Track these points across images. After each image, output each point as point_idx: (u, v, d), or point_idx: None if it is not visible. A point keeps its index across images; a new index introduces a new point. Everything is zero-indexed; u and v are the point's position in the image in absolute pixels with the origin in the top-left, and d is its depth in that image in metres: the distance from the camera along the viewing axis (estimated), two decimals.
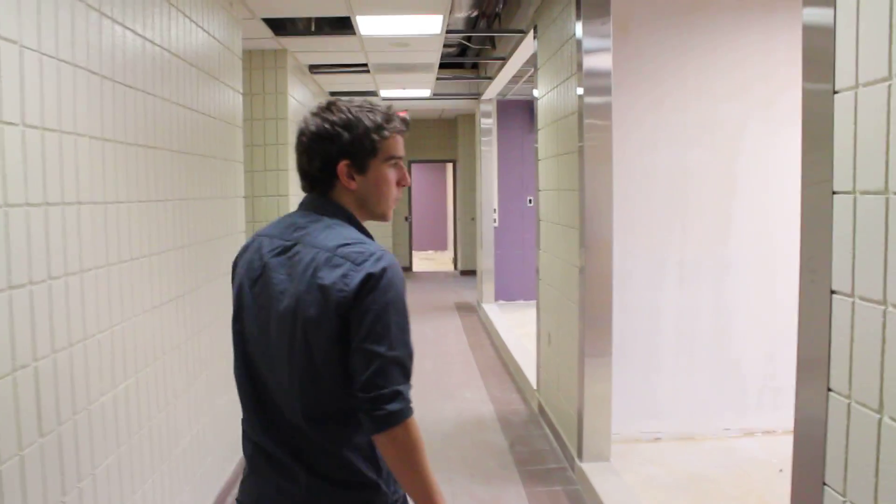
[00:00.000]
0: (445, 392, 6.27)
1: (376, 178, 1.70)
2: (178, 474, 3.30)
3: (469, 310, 10.55)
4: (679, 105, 4.70)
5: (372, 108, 1.70)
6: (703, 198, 4.77)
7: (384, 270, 1.54)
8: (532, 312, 9.85)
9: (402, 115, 1.76)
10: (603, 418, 4.24)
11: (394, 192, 1.74)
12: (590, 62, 4.09)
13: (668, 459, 4.49)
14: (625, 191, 4.61)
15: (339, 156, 1.67)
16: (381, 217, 1.75)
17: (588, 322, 4.19)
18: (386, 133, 1.69)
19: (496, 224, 10.41)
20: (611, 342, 4.22)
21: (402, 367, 1.53)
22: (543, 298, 5.45)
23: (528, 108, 10.32)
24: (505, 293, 10.50)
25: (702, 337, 4.86)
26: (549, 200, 5.12)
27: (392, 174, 1.73)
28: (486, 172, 10.14)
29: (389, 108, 1.73)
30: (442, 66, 8.67)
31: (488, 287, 10.31)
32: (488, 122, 9.98)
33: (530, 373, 6.07)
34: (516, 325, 8.62)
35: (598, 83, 4.09)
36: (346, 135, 1.65)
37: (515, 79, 8.59)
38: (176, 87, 3.34)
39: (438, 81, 8.46)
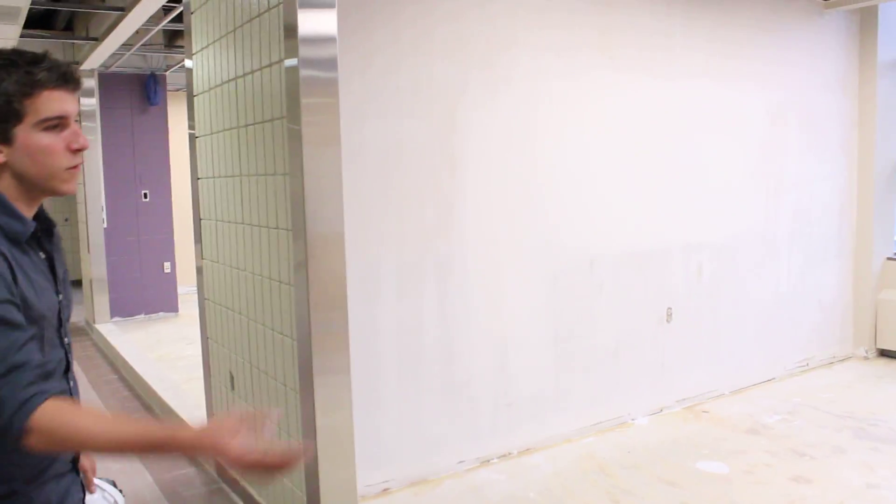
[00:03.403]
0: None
1: (28, 149, 1.35)
2: None
3: (78, 333, 8.50)
4: (391, 64, 3.68)
5: (12, 61, 1.32)
6: (420, 181, 3.83)
7: None
8: (162, 327, 8.34)
9: (61, 64, 1.35)
10: (345, 476, 3.04)
11: (60, 160, 1.38)
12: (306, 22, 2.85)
13: None
14: None
15: None
16: (55, 192, 1.41)
17: (317, 345, 2.92)
18: (29, 91, 1.32)
19: (105, 225, 8.51)
20: (349, 359, 3.02)
21: None
22: (216, 327, 3.93)
23: (137, 84, 8.55)
24: (122, 308, 8.65)
25: (427, 356, 3.93)
26: (219, 191, 3.73)
27: (53, 140, 1.36)
28: (88, 163, 8.19)
29: (43, 56, 1.34)
30: (33, 23, 6.75)
31: (101, 301, 8.41)
32: (90, 102, 8.02)
33: (187, 416, 4.64)
34: (147, 348, 7.05)
35: (319, 53, 2.88)
36: None
37: (127, 45, 6.90)
38: None
39: (24, 41, 6.39)
